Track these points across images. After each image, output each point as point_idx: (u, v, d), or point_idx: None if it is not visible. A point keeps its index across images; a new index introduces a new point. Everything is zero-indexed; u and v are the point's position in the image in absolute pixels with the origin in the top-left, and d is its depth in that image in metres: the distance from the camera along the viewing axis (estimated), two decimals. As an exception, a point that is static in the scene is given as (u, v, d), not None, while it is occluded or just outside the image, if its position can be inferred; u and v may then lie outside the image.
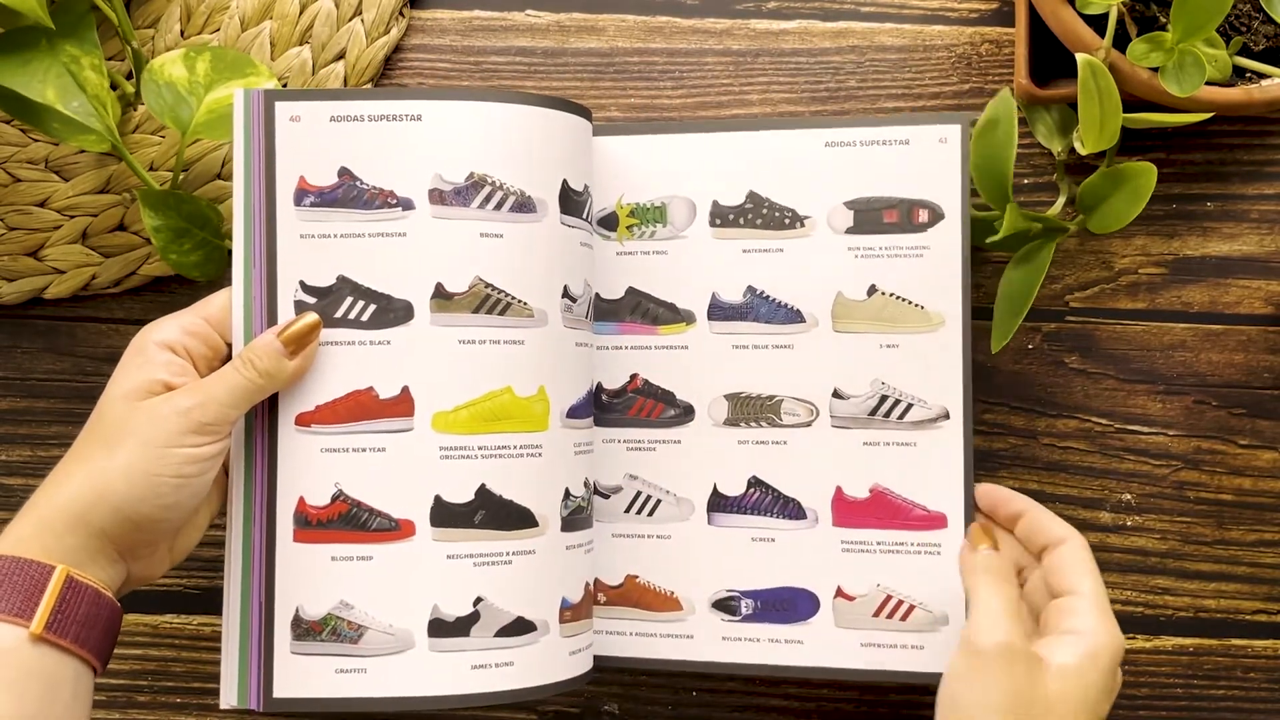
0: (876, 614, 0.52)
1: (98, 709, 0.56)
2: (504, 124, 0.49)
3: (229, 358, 0.48)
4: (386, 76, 0.58)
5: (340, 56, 0.57)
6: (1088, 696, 0.44)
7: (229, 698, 0.48)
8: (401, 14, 0.58)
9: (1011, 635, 0.44)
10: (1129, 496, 0.57)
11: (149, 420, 0.44)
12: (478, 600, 0.48)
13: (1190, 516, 0.57)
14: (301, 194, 0.48)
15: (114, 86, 0.55)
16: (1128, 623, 0.57)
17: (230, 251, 0.49)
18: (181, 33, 0.57)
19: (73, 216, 0.57)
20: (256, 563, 0.48)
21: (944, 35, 0.58)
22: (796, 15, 0.59)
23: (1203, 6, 0.48)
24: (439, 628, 0.48)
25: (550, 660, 0.50)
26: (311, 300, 0.48)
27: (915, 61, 0.50)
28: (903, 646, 0.52)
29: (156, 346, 0.46)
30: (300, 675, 0.48)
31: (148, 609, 0.57)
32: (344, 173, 0.48)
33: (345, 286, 0.48)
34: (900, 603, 0.52)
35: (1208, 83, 0.50)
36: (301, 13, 0.57)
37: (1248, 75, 0.54)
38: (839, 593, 0.52)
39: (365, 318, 0.48)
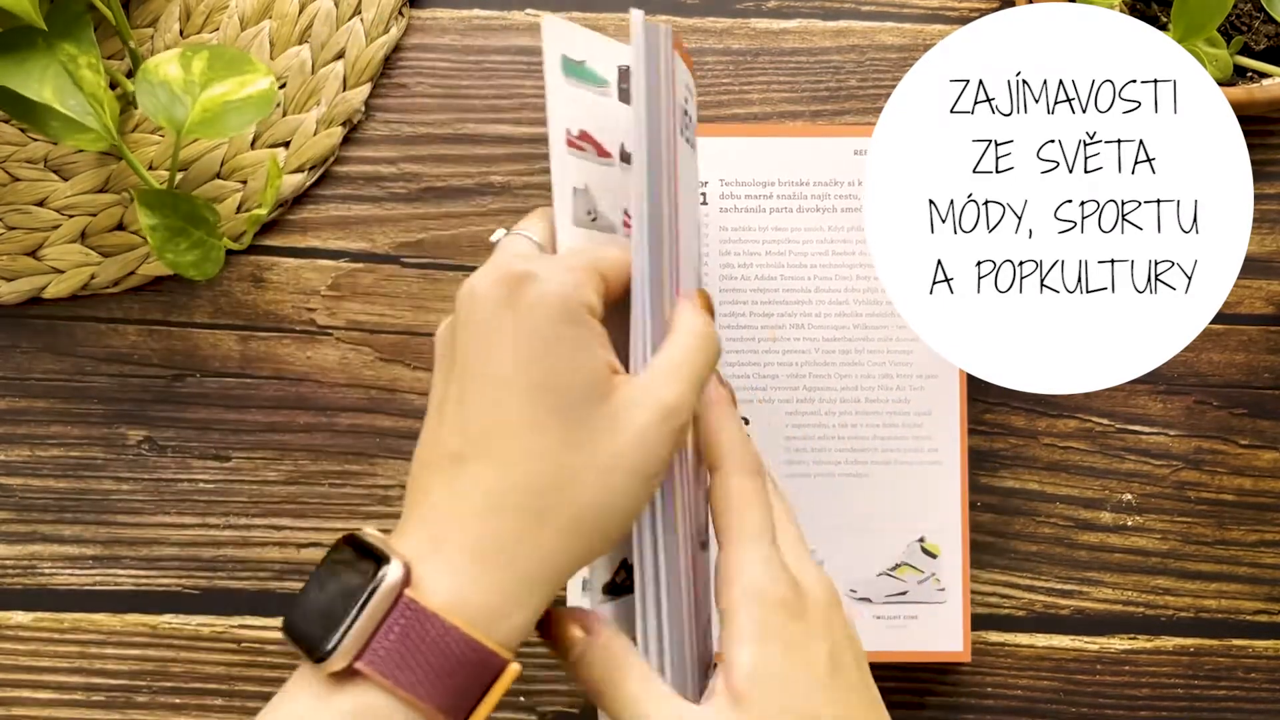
0: None
1: (97, 709, 0.56)
2: None
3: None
4: (386, 76, 0.58)
5: (340, 56, 0.57)
6: None
7: None
8: (401, 13, 0.58)
9: None
10: (1129, 496, 0.57)
11: (636, 428, 0.36)
12: None
13: (1191, 516, 0.57)
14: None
15: (114, 85, 0.55)
16: (1128, 623, 0.57)
17: (228, 249, 0.49)
18: (181, 32, 0.57)
19: (71, 216, 0.57)
20: None
21: (944, 35, 0.58)
22: (796, 14, 0.59)
23: (1204, 6, 0.48)
24: None
25: None
26: None
27: (916, 61, 0.50)
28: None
29: (592, 318, 0.36)
30: None
31: (147, 609, 0.57)
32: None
33: None
34: None
35: (1208, 82, 0.50)
36: (301, 12, 0.57)
37: (1249, 75, 0.54)
38: None
39: None
